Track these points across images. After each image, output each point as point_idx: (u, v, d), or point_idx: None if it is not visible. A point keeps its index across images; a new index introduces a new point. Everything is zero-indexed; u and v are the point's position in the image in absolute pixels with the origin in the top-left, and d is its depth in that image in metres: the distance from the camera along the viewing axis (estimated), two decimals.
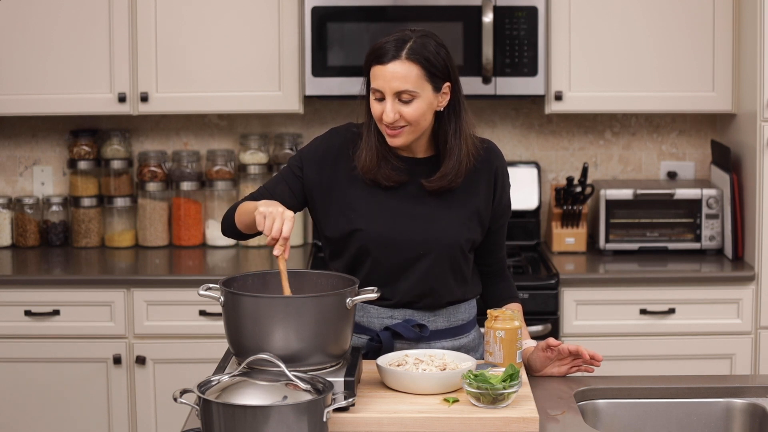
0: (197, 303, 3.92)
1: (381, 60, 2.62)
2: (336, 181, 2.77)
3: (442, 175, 2.72)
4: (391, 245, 2.73)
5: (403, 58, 2.61)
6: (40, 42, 4.15)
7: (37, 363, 3.97)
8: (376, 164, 2.72)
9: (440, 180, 2.72)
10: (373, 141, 2.72)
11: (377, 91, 2.64)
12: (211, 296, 2.47)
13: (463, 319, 2.84)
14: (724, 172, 4.21)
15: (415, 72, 2.62)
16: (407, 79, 2.61)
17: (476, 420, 2.39)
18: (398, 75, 2.61)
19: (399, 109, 2.63)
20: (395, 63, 2.61)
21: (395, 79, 2.61)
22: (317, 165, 2.78)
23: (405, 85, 2.61)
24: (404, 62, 2.61)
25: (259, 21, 4.17)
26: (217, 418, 2.18)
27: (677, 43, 4.17)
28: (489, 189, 2.80)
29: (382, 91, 2.63)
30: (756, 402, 2.67)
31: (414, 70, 2.62)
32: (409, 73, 2.61)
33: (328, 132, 2.84)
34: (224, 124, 4.54)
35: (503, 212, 2.85)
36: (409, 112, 2.63)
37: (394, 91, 2.62)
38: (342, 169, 2.77)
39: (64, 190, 4.55)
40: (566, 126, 4.54)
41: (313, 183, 2.78)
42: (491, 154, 2.81)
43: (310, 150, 2.81)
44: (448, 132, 2.71)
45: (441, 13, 4.08)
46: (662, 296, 3.99)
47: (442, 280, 2.77)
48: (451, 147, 2.71)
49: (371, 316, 2.79)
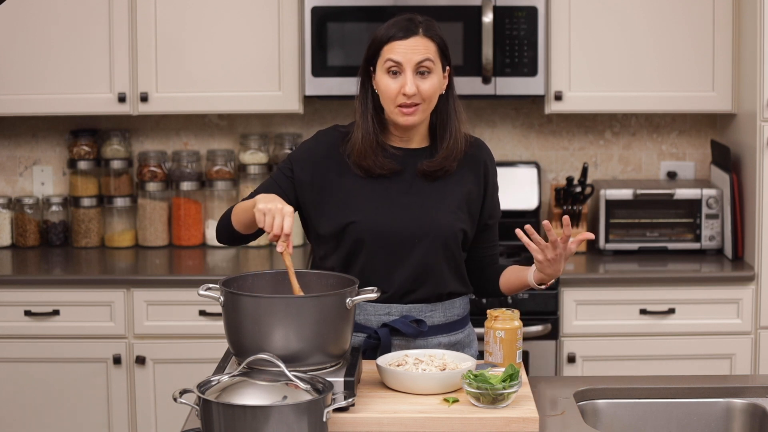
0: (197, 303, 3.92)
1: (399, 36, 2.72)
2: (327, 178, 2.79)
3: (444, 156, 2.77)
4: (385, 235, 2.75)
5: (422, 34, 2.73)
6: (40, 42, 4.15)
7: (37, 363, 3.97)
8: (371, 150, 2.75)
9: (442, 161, 2.77)
10: (369, 126, 2.77)
11: (395, 64, 2.71)
12: (211, 296, 2.48)
13: (458, 314, 2.87)
14: (724, 172, 4.21)
15: (433, 47, 2.74)
16: (428, 50, 2.72)
17: (476, 420, 2.39)
18: (419, 48, 2.71)
19: (417, 83, 2.71)
20: (415, 38, 2.72)
21: (416, 51, 2.71)
22: (307, 165, 2.81)
23: (426, 56, 2.71)
24: (423, 37, 2.73)
25: (259, 21, 4.17)
26: (217, 418, 2.18)
27: (677, 43, 4.17)
28: (478, 181, 2.85)
29: (402, 64, 2.70)
30: (756, 402, 2.67)
31: (432, 45, 2.74)
32: (429, 47, 2.73)
33: (315, 135, 2.89)
34: (224, 124, 4.54)
35: (494, 211, 2.90)
36: (427, 86, 2.72)
37: (414, 63, 2.70)
38: (332, 166, 2.80)
39: (64, 190, 4.55)
40: (566, 126, 4.54)
41: (304, 183, 2.80)
42: (480, 150, 2.88)
43: (299, 151, 2.85)
44: (448, 112, 2.80)
45: (441, 13, 4.08)
46: (662, 296, 3.99)
47: (438, 269, 2.79)
48: (451, 131, 2.79)
49: (368, 313, 2.80)
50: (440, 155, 2.78)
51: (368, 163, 2.76)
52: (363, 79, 2.80)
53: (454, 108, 2.81)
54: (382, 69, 2.73)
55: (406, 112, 2.72)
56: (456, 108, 2.81)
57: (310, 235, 2.88)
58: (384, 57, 2.72)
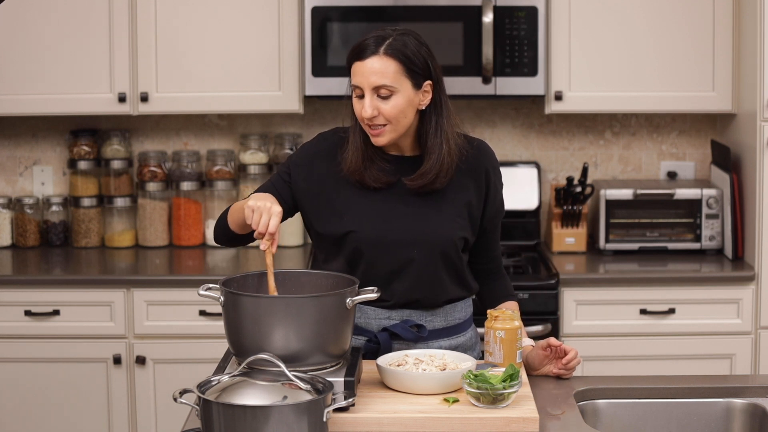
0: (197, 303, 3.92)
1: (359, 56, 2.65)
2: (325, 184, 2.77)
3: (422, 173, 2.72)
4: (383, 246, 2.73)
5: (381, 53, 2.64)
6: (41, 42, 4.15)
7: (37, 363, 3.97)
8: (362, 165, 2.73)
9: (421, 178, 2.72)
10: (358, 142, 2.73)
11: (357, 87, 2.67)
12: (211, 296, 2.48)
13: (459, 318, 2.85)
14: (724, 172, 4.21)
15: (393, 67, 2.64)
16: (385, 74, 2.63)
17: (476, 420, 2.39)
18: (376, 70, 2.63)
19: (377, 105, 2.65)
20: (373, 58, 2.64)
21: (373, 74, 2.63)
22: (305, 170, 2.79)
23: (382, 80, 2.63)
24: (382, 57, 2.64)
25: (259, 21, 4.17)
26: (217, 418, 2.18)
27: (677, 43, 4.17)
28: (480, 188, 2.80)
29: (361, 87, 2.65)
30: (756, 402, 2.67)
31: (392, 65, 2.63)
32: (387, 69, 2.63)
33: (316, 137, 2.86)
34: (224, 124, 4.54)
35: (497, 212, 2.85)
36: (387, 108, 2.64)
37: (372, 86, 2.64)
38: (331, 173, 2.77)
39: (64, 190, 4.55)
40: (566, 126, 4.54)
41: (301, 188, 2.79)
42: (481, 154, 2.82)
43: (298, 156, 2.83)
44: (428, 131, 2.72)
45: (441, 13, 4.08)
46: (662, 296, 3.99)
47: (437, 279, 2.77)
48: (432, 146, 2.72)
49: (369, 317, 2.79)
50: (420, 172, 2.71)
51: (361, 177, 2.73)
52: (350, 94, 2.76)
53: (438, 124, 2.71)
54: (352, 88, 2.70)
55: (373, 133, 2.68)
56: (441, 122, 2.71)
57: (313, 238, 2.87)
58: (351, 76, 2.69)
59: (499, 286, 2.92)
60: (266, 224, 2.50)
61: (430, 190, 2.74)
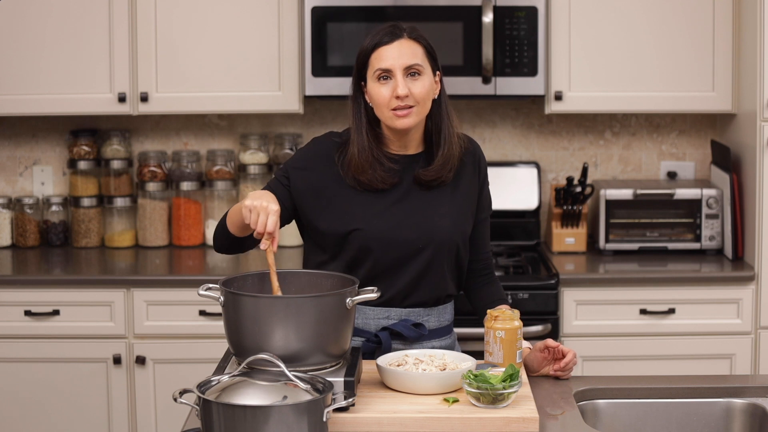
0: (197, 303, 3.92)
1: (385, 41, 2.71)
2: (326, 184, 2.78)
3: (441, 164, 2.76)
4: (391, 242, 2.75)
5: (407, 37, 2.72)
6: (40, 42, 4.15)
7: (37, 363, 3.97)
8: (368, 165, 2.73)
9: (439, 170, 2.76)
10: (365, 141, 2.75)
11: (384, 71, 2.69)
12: (211, 296, 2.48)
13: (448, 320, 2.89)
14: (724, 172, 4.21)
15: (420, 50, 2.73)
16: (415, 53, 2.72)
17: (476, 420, 2.39)
18: (406, 51, 2.70)
19: (408, 85, 2.70)
20: (401, 41, 2.71)
21: (404, 54, 2.70)
22: (303, 172, 2.79)
23: (414, 59, 2.70)
24: (408, 40, 2.72)
25: (259, 21, 4.17)
26: (217, 418, 2.18)
27: (677, 43, 4.17)
28: (474, 180, 2.86)
29: (391, 69, 2.69)
30: (756, 402, 2.67)
31: (419, 48, 2.73)
32: (416, 50, 2.72)
33: (310, 142, 2.88)
34: (224, 124, 4.54)
35: (487, 205, 2.91)
36: (418, 88, 2.70)
37: (404, 66, 2.70)
38: (330, 173, 2.78)
39: (64, 190, 4.55)
40: (566, 126, 4.54)
41: (300, 190, 2.79)
42: (473, 146, 2.89)
43: (295, 159, 2.84)
44: (442, 121, 2.78)
45: (441, 13, 4.08)
46: (662, 296, 3.99)
47: (440, 273, 2.80)
48: (445, 136, 2.78)
49: (367, 317, 2.80)
50: (437, 163, 2.77)
51: (367, 177, 2.74)
52: (355, 94, 2.79)
53: (446, 112, 2.79)
54: (372, 78, 2.72)
55: (400, 114, 2.71)
56: (449, 112, 2.80)
57: (307, 242, 2.87)
58: (373, 67, 2.71)
59: (492, 290, 2.95)
60: (264, 223, 2.50)
61: (439, 182, 2.78)
